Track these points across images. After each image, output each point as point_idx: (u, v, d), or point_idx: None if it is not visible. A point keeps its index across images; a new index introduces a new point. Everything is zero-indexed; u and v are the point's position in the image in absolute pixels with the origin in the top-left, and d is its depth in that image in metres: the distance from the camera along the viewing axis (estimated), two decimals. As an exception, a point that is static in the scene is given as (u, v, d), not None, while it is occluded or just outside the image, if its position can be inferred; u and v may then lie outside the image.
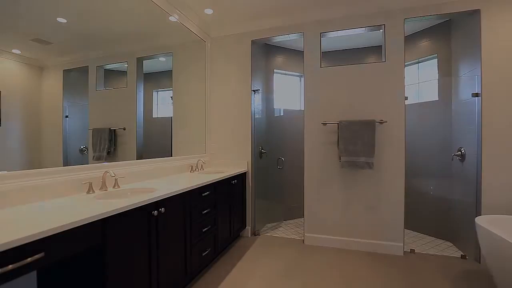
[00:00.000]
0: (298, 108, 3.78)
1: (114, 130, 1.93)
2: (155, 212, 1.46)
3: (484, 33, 2.32)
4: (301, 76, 3.83)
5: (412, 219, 3.20)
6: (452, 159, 2.80)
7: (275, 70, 3.67)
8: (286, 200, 3.69)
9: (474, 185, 2.42)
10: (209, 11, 2.74)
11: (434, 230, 3.00)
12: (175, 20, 2.54)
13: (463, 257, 2.47)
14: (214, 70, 3.18)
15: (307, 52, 2.82)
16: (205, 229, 2.07)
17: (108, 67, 1.91)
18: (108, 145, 1.86)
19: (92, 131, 1.76)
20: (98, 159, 1.79)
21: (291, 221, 3.62)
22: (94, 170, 1.67)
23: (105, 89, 1.89)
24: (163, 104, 2.49)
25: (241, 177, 2.88)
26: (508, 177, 2.27)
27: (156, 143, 2.40)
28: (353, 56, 3.69)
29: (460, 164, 2.66)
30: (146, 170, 2.12)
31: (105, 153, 1.84)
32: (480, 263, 2.34)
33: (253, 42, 3.04)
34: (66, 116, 1.58)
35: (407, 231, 3.20)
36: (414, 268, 2.26)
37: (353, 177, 2.67)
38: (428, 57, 3.12)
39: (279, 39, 3.03)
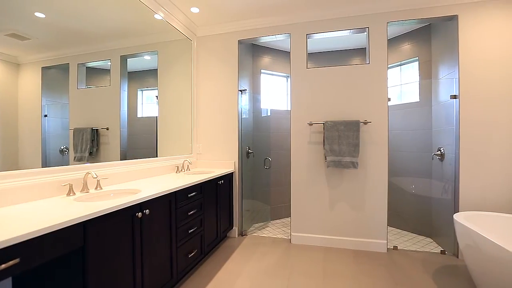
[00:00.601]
0: (285, 109, 3.81)
1: (97, 130, 1.87)
2: (139, 214, 1.43)
3: (462, 38, 2.42)
4: (288, 76, 3.87)
5: (394, 217, 3.30)
6: (432, 159, 2.91)
7: (262, 71, 3.68)
8: (273, 200, 3.70)
9: (452, 183, 2.52)
10: (195, 10, 2.71)
11: (416, 227, 3.11)
12: (161, 18, 2.50)
13: (442, 252, 2.57)
14: (200, 69, 3.16)
15: (294, 53, 2.85)
16: (192, 230, 2.05)
17: (90, 64, 1.85)
18: (90, 145, 1.81)
19: (73, 131, 1.70)
20: (80, 160, 1.73)
21: (278, 221, 3.65)
22: (75, 171, 1.62)
23: (87, 87, 1.83)
24: (148, 103, 2.44)
25: (228, 177, 2.87)
26: (483, 176, 2.38)
27: (141, 143, 2.34)
28: (339, 57, 3.76)
29: (440, 163, 2.77)
30: (130, 171, 2.07)
31: (87, 154, 1.79)
32: (458, 257, 2.45)
33: (240, 42, 3.03)
34: (45, 115, 1.52)
35: (390, 228, 3.29)
36: (397, 264, 2.33)
37: (338, 176, 2.72)
38: (410, 60, 3.23)
39: (266, 39, 3.05)
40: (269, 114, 3.69)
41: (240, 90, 3.06)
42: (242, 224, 3.09)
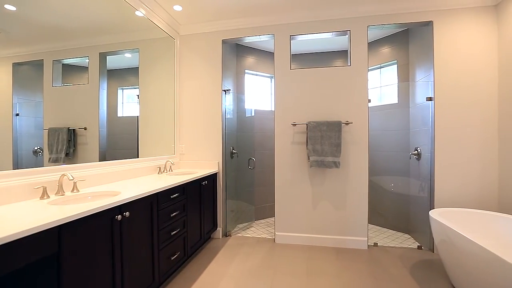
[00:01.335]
0: (269, 109, 3.83)
1: (74, 129, 1.80)
2: (119, 217, 1.39)
3: (436, 43, 2.54)
4: (272, 77, 3.89)
5: (375, 214, 3.40)
6: (410, 158, 3.03)
7: (246, 71, 3.68)
8: (258, 200, 3.71)
9: (428, 182, 2.64)
10: (178, 8, 2.66)
11: (394, 224, 3.22)
12: (142, 15, 2.44)
13: (419, 247, 2.68)
14: (183, 68, 3.11)
15: (277, 53, 2.87)
16: (174, 232, 2.01)
17: (67, 61, 1.77)
18: (66, 146, 1.73)
19: (48, 131, 1.62)
20: (55, 161, 1.65)
21: (262, 221, 3.66)
22: (50, 173, 1.54)
23: (63, 85, 1.75)
24: (129, 102, 2.37)
25: (212, 178, 2.84)
26: (456, 174, 2.51)
27: (121, 143, 2.27)
28: (322, 59, 3.83)
29: (417, 163, 2.89)
30: (109, 173, 2.00)
31: (63, 155, 1.71)
32: (433, 252, 2.56)
33: (224, 41, 3.02)
34: (17, 114, 1.44)
35: (370, 226, 3.40)
36: (377, 260, 2.40)
37: (321, 176, 2.77)
38: (389, 62, 3.35)
39: (250, 39, 3.05)
40: (253, 114, 3.70)
41: (224, 90, 3.04)
42: (226, 224, 3.08)
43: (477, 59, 2.48)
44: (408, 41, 3.13)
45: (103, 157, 2.03)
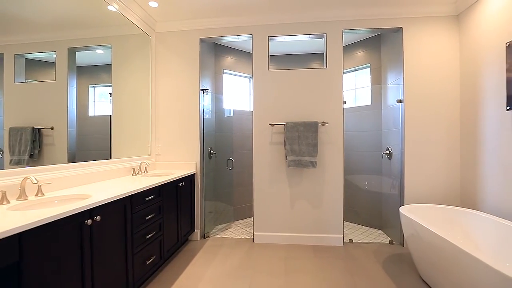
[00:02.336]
0: (248, 109, 3.83)
1: (39, 129, 1.68)
2: (89, 221, 1.32)
3: (406, 48, 2.69)
4: (251, 77, 3.89)
5: (350, 212, 3.53)
6: (382, 157, 3.18)
7: (224, 71, 3.65)
8: (236, 201, 3.70)
9: (399, 180, 2.78)
10: (153, 4, 2.59)
11: (368, 221, 3.36)
12: (115, 10, 2.34)
13: (391, 242, 2.81)
14: (159, 67, 3.02)
15: (256, 54, 2.88)
16: (150, 235, 1.95)
17: (31, 56, 1.65)
18: (30, 147, 1.62)
19: (9, 131, 1.50)
20: (18, 163, 1.53)
21: (241, 221, 3.65)
22: (11, 176, 1.43)
23: (27, 81, 1.63)
24: (101, 101, 2.26)
25: (189, 179, 2.79)
26: (424, 172, 2.67)
27: (93, 144, 2.16)
28: (300, 61, 3.90)
29: (388, 162, 3.03)
30: (79, 175, 1.90)
31: (26, 156, 1.59)
32: (403, 246, 2.70)
33: (201, 40, 2.97)
34: (-29, 113, 1.32)
35: (346, 223, 3.51)
36: (352, 256, 2.49)
37: (298, 175, 2.82)
38: (363, 66, 3.48)
39: (228, 39, 3.03)
40: (232, 114, 3.68)
41: (202, 90, 3.00)
42: (205, 226, 3.03)
43: (442, 64, 2.66)
44: (380, 45, 3.27)
45: (72, 159, 1.92)
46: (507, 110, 2.01)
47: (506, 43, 2.00)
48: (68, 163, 1.86)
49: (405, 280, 2.06)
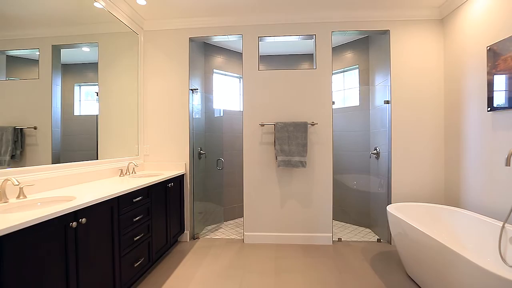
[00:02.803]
0: (238, 109, 3.82)
1: (21, 129, 1.62)
2: (74, 224, 1.28)
3: (393, 50, 2.75)
4: (241, 77, 3.89)
5: (339, 211, 3.57)
6: (370, 157, 3.24)
7: (214, 70, 3.63)
8: (226, 201, 3.69)
9: (386, 179, 2.83)
10: (142, 2, 2.54)
11: (357, 220, 3.41)
12: (101, 7, 2.29)
13: (378, 240, 2.87)
14: (148, 66, 2.97)
15: (246, 54, 2.88)
16: (138, 237, 1.91)
17: (12, 53, 1.59)
18: (12, 147, 1.56)
19: (-12, 131, 1.45)
20: (-3, 164, 1.48)
21: (231, 222, 3.64)
22: (-10, 178, 1.38)
23: (8, 79, 1.57)
24: (87, 100, 2.20)
25: (179, 179, 2.76)
26: (411, 171, 2.74)
27: (79, 144, 2.10)
28: (290, 61, 3.93)
29: (376, 161, 3.09)
30: (64, 176, 1.84)
31: (7, 157, 1.53)
32: (391, 244, 2.76)
33: (191, 39, 2.95)
34: None
35: (335, 222, 3.56)
36: (341, 254, 2.52)
37: (288, 175, 2.83)
38: (351, 67, 3.53)
39: (218, 39, 3.02)
40: (222, 114, 3.66)
41: (192, 89, 2.97)
42: (194, 227, 3.01)
43: (428, 67, 2.73)
44: (368, 47, 3.33)
45: (56, 159, 1.86)
46: (488, 111, 2.09)
47: (487, 47, 2.08)
48: (52, 164, 1.81)
49: (392, 277, 2.11)
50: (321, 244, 2.78)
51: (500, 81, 1.96)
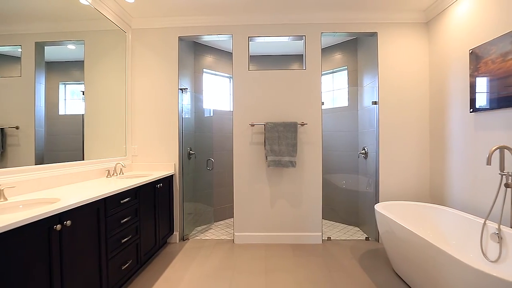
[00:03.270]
0: (228, 109, 3.81)
1: (2, 129, 1.56)
2: (58, 227, 1.24)
3: (380, 52, 2.80)
4: (231, 77, 3.88)
5: (328, 210, 3.62)
6: (358, 157, 3.29)
7: (204, 70, 3.61)
8: (216, 201, 3.67)
9: (374, 178, 2.89)
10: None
11: (346, 218, 3.46)
12: (87, 3, 2.23)
13: (367, 239, 2.92)
14: (136, 64, 2.92)
15: (236, 54, 2.87)
16: (125, 239, 1.88)
17: (-8, 50, 1.54)
18: (-8, 147, 1.50)
19: (-34, 130, 1.39)
20: (-24, 165, 1.42)
21: (221, 222, 3.62)
22: (-32, 180, 1.32)
23: (-13, 77, 1.52)
24: (73, 99, 2.14)
25: (168, 180, 2.72)
26: (397, 170, 2.80)
27: (64, 144, 2.04)
28: (280, 62, 3.94)
29: (364, 161, 3.15)
30: (48, 177, 1.79)
31: (-13, 158, 1.48)
32: (379, 242, 2.82)
33: (180, 38, 2.92)
34: None
35: (324, 221, 3.60)
36: (330, 253, 2.55)
37: (278, 175, 2.84)
38: (340, 68, 3.58)
39: (208, 38, 3.00)
40: (212, 114, 3.64)
41: (181, 89, 2.94)
42: (184, 228, 2.98)
43: (414, 69, 2.80)
44: (357, 49, 3.39)
45: (40, 160, 1.80)
46: (470, 112, 2.16)
47: (469, 50, 2.15)
48: (35, 164, 1.75)
49: (379, 274, 2.15)
50: (311, 243, 2.80)
51: (481, 83, 2.03)
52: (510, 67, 1.77)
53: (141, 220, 2.12)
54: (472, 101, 2.13)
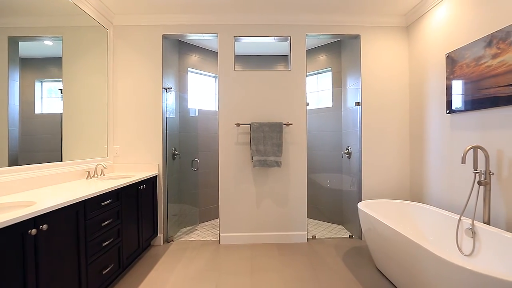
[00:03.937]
0: (213, 109, 3.78)
1: (-29, 128, 1.47)
2: (33, 231, 1.19)
3: (363, 54, 2.87)
4: (216, 77, 3.85)
5: (313, 209, 3.67)
6: (342, 156, 3.36)
7: (189, 69, 3.56)
8: (202, 202, 3.63)
9: (357, 177, 2.96)
10: (111, -4, 2.42)
11: (330, 217, 3.53)
12: (65, -2, 2.14)
13: (350, 237, 2.98)
14: (118, 62, 2.84)
15: (221, 53, 2.85)
16: (106, 243, 1.82)
17: (-40, 45, 1.44)
18: (-40, 148, 1.41)
19: None
20: None
21: (207, 223, 3.59)
22: None
23: (-45, 74, 1.42)
24: (50, 97, 2.05)
25: (151, 181, 2.66)
26: (379, 170, 2.88)
27: (40, 145, 1.95)
28: (265, 62, 3.95)
29: (348, 160, 3.22)
30: (23, 180, 1.70)
31: (-46, 159, 1.39)
32: (362, 239, 2.89)
33: (164, 37, 2.86)
34: None
35: (309, 220, 3.65)
36: (315, 252, 2.59)
37: (264, 175, 2.85)
38: (325, 69, 3.64)
39: (193, 37, 2.96)
40: (197, 114, 3.60)
41: (165, 88, 2.89)
42: (168, 230, 2.92)
43: (394, 71, 2.89)
44: (341, 51, 3.46)
45: (14, 162, 1.71)
46: (447, 113, 2.26)
47: (446, 54, 2.25)
48: (9, 166, 1.66)
49: (362, 270, 2.20)
50: (296, 242, 2.83)
51: (457, 86, 2.13)
52: (483, 71, 1.87)
53: (123, 222, 2.06)
54: (449, 103, 2.23)
